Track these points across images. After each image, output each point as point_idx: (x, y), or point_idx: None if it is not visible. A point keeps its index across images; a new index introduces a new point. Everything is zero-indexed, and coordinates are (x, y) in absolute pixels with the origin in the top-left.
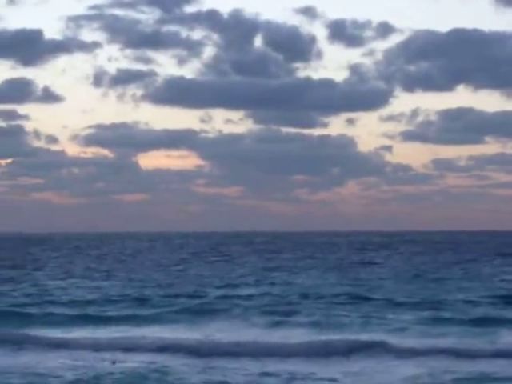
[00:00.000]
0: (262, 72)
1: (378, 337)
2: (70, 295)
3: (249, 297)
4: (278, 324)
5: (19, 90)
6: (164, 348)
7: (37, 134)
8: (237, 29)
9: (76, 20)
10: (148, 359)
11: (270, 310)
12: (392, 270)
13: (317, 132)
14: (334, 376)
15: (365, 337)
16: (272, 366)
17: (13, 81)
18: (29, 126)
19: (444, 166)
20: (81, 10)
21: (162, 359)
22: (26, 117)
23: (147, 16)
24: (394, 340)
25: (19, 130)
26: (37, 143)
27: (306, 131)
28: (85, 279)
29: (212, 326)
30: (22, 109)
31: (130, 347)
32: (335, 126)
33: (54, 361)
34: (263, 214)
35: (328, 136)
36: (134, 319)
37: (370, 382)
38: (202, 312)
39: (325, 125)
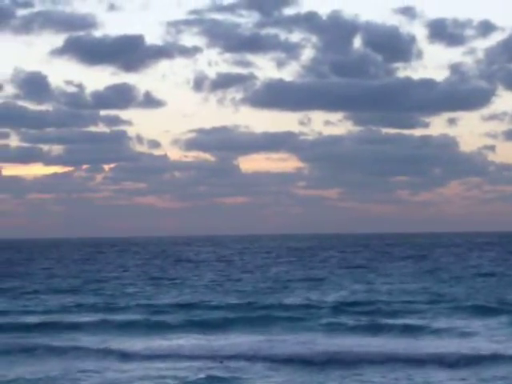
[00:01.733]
0: (361, 73)
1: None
2: (154, 300)
3: (340, 303)
4: (374, 329)
5: (121, 96)
6: (258, 356)
7: (139, 139)
8: (336, 30)
9: (176, 25)
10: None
11: (364, 311)
12: (496, 271)
13: (418, 132)
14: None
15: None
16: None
17: (115, 86)
18: (131, 130)
19: None
20: (181, 15)
21: (258, 366)
22: (128, 122)
23: (246, 20)
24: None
25: (122, 135)
26: (139, 148)
27: (406, 132)
28: (173, 282)
29: (313, 333)
30: (124, 114)
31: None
32: (436, 126)
33: (157, 371)
34: (364, 216)
35: (429, 136)
36: (236, 325)
37: None
38: (300, 319)
39: (426, 125)
